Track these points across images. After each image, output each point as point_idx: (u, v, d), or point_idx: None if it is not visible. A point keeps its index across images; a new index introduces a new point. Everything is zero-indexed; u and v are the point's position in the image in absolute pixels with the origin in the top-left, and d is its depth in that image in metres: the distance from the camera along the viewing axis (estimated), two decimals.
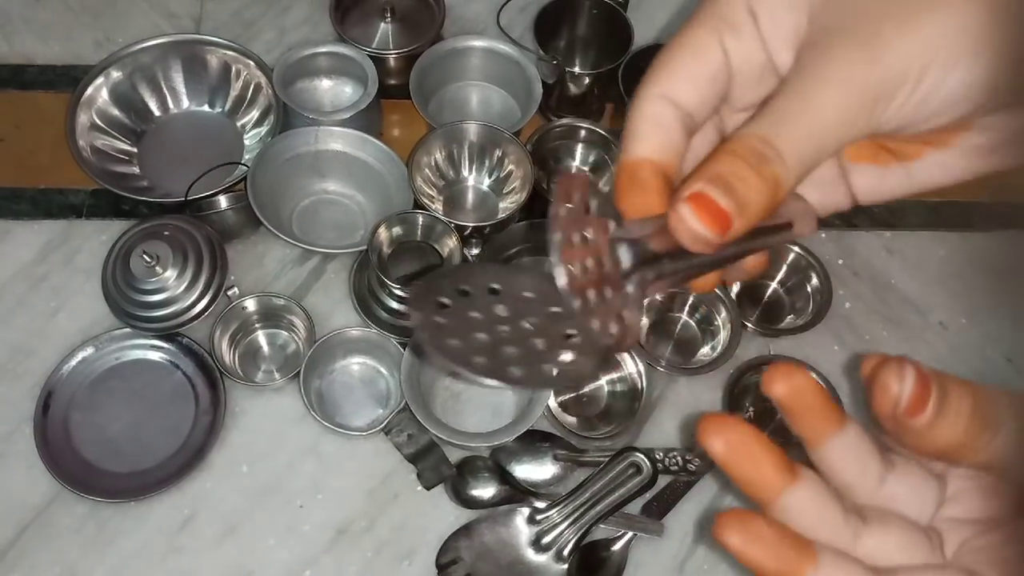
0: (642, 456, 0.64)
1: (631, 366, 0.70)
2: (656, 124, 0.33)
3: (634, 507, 0.67)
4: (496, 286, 0.32)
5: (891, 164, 0.36)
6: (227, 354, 0.70)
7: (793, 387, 0.32)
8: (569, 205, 0.30)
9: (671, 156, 0.33)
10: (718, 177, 0.30)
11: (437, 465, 0.66)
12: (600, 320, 0.29)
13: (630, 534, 0.65)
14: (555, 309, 0.32)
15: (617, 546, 0.65)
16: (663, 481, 0.67)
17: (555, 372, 0.31)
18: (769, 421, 0.69)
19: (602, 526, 0.65)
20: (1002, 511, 0.33)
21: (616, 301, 0.30)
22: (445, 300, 0.31)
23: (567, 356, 0.31)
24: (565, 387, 0.66)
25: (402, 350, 0.68)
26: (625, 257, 0.30)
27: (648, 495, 0.66)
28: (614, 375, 0.71)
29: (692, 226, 0.30)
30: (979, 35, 0.30)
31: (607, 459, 0.66)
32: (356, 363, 0.72)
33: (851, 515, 0.32)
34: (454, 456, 0.68)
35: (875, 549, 0.32)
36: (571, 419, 0.70)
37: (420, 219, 0.70)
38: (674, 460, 0.68)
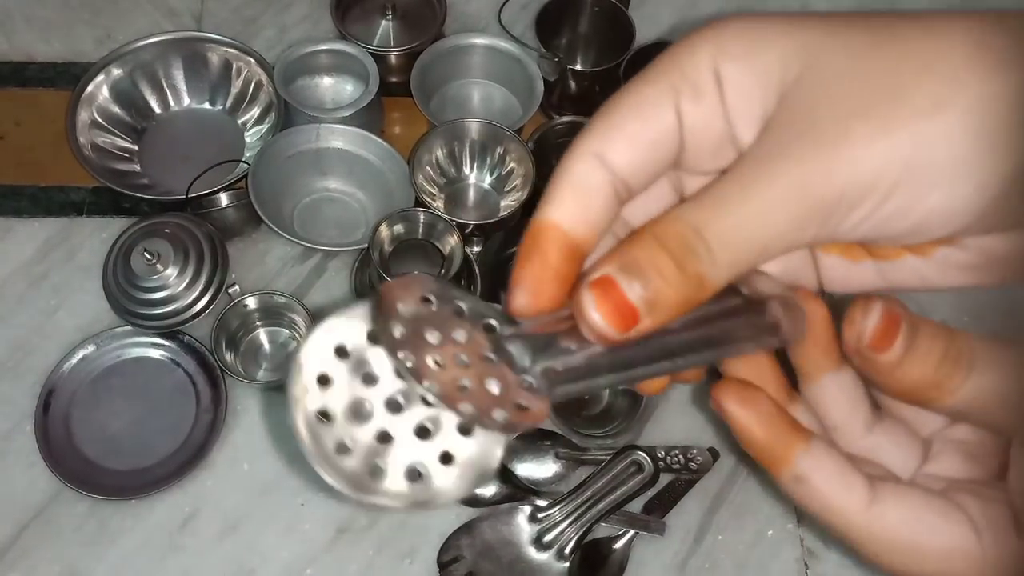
0: (643, 454, 0.63)
1: None
2: (578, 186, 0.29)
3: (636, 505, 0.66)
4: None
5: (863, 260, 0.33)
6: (228, 352, 0.70)
7: (810, 315, 0.32)
8: (405, 316, 0.27)
9: (586, 226, 0.29)
10: (633, 264, 0.27)
11: None
12: (486, 410, 0.26)
13: (632, 532, 0.65)
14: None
15: (619, 544, 0.65)
16: (665, 479, 0.67)
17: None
18: None
19: (604, 524, 0.65)
20: (982, 474, 0.33)
21: (510, 393, 0.26)
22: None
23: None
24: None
25: None
26: (519, 353, 0.27)
27: (650, 493, 0.66)
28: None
29: (590, 316, 0.27)
30: (974, 148, 0.26)
31: (609, 457, 0.66)
32: None
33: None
34: None
35: None
36: (571, 417, 0.69)
37: (422, 217, 0.70)
38: (676, 458, 0.68)
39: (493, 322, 0.28)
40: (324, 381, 0.27)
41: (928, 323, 0.30)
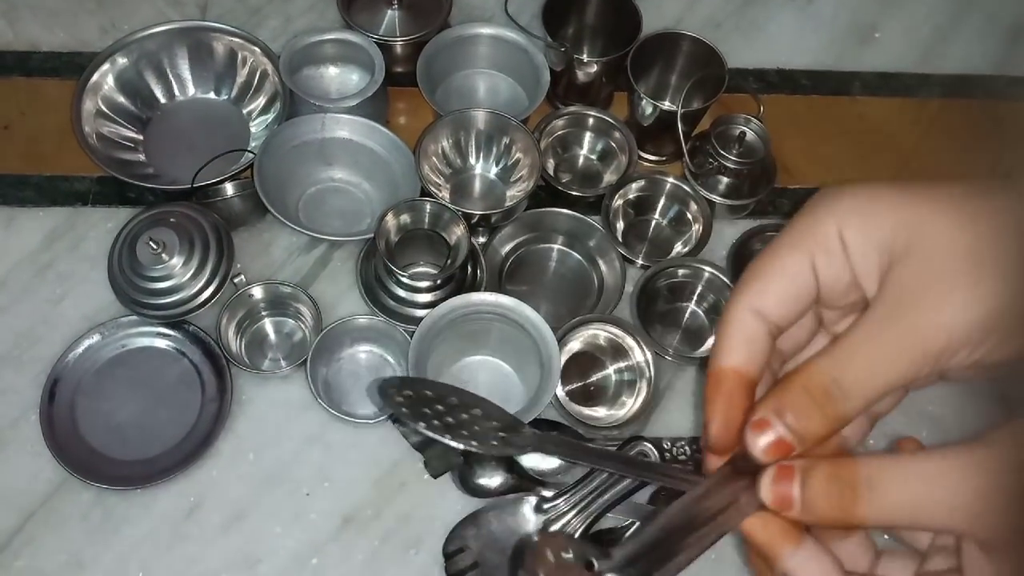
0: (650, 445, 0.63)
1: (639, 355, 0.69)
2: (745, 336, 0.37)
3: (642, 496, 0.66)
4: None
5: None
6: (233, 342, 0.70)
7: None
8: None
9: (755, 366, 0.38)
10: (784, 409, 0.35)
11: (444, 453, 0.65)
12: None
13: (638, 523, 0.65)
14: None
15: (625, 535, 0.65)
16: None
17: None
18: None
19: (610, 515, 0.65)
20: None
21: None
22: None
23: None
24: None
25: (408, 338, 0.68)
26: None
27: (656, 484, 0.66)
28: (622, 364, 0.70)
29: (757, 452, 0.35)
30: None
31: (615, 448, 0.66)
32: (363, 351, 0.72)
33: None
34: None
35: None
36: (578, 408, 0.69)
37: (428, 207, 0.70)
38: (682, 449, 0.68)
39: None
40: None
41: (827, 465, 0.35)
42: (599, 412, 0.70)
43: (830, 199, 0.37)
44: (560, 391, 0.69)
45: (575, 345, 0.70)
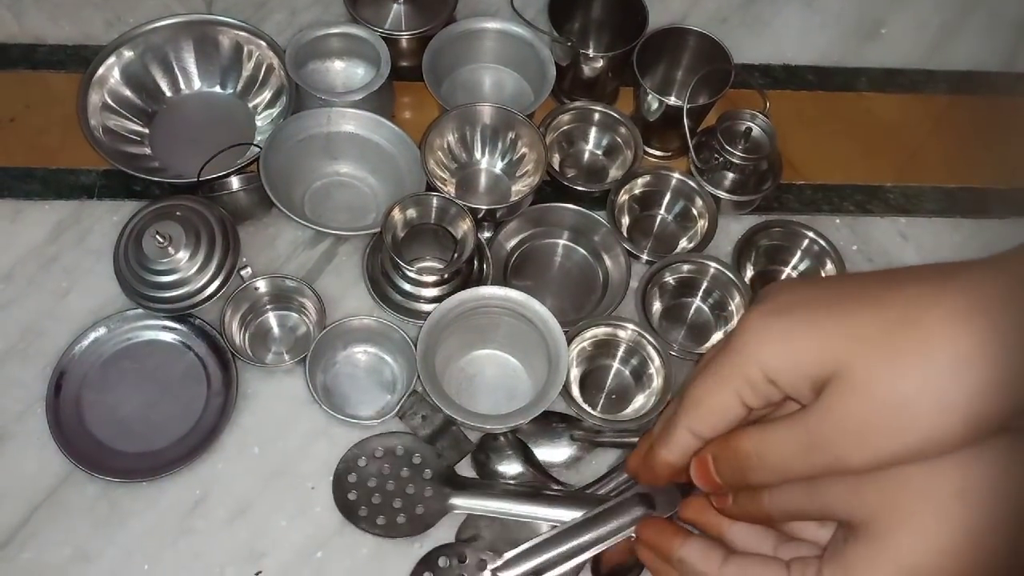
0: None
1: (652, 352, 0.69)
2: (680, 447, 0.47)
3: None
4: None
5: None
6: (237, 334, 0.70)
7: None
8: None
9: (684, 461, 0.48)
10: (718, 454, 0.46)
11: (456, 443, 0.65)
12: None
13: None
14: None
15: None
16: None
17: None
18: None
19: None
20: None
21: None
22: None
23: None
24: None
25: (407, 336, 0.68)
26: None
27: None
28: (634, 360, 0.70)
29: (692, 470, 0.48)
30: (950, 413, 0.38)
31: (624, 442, 0.66)
32: (360, 351, 0.71)
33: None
34: (472, 438, 0.67)
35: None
36: (587, 403, 0.69)
37: (434, 201, 0.70)
38: None
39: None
40: None
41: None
42: (609, 407, 0.70)
43: (753, 339, 0.42)
44: (575, 390, 0.69)
45: (585, 342, 0.70)
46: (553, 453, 0.68)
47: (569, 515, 0.62)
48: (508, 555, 0.61)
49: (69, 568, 0.63)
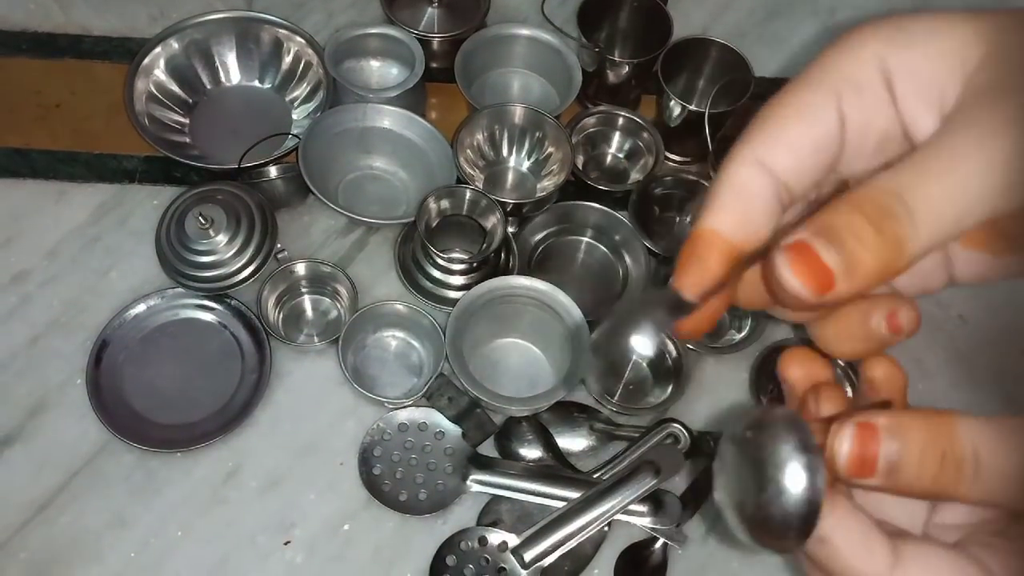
0: (679, 426, 0.66)
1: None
2: (741, 194, 0.30)
3: (674, 485, 0.68)
4: None
5: (1006, 256, 0.32)
6: (272, 313, 0.73)
7: (806, 373, 0.33)
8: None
9: (748, 233, 0.30)
10: (828, 229, 0.27)
11: (481, 424, 0.68)
12: None
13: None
14: None
15: (657, 545, 0.66)
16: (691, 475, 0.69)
17: None
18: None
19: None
20: (992, 515, 0.33)
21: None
22: None
23: None
24: None
25: (435, 323, 0.70)
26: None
27: (682, 485, 0.68)
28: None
29: (786, 279, 0.27)
30: None
31: (643, 432, 0.68)
32: (389, 336, 0.74)
33: None
34: (495, 422, 0.70)
35: None
36: (607, 394, 0.72)
37: (467, 194, 0.73)
38: (708, 442, 0.70)
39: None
40: None
41: (921, 428, 0.28)
42: (626, 397, 0.72)
43: (869, 24, 0.30)
44: (593, 383, 0.71)
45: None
46: (572, 442, 0.70)
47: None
48: (526, 533, 0.64)
49: (105, 533, 0.66)
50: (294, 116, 0.84)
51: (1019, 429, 0.28)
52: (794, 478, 0.28)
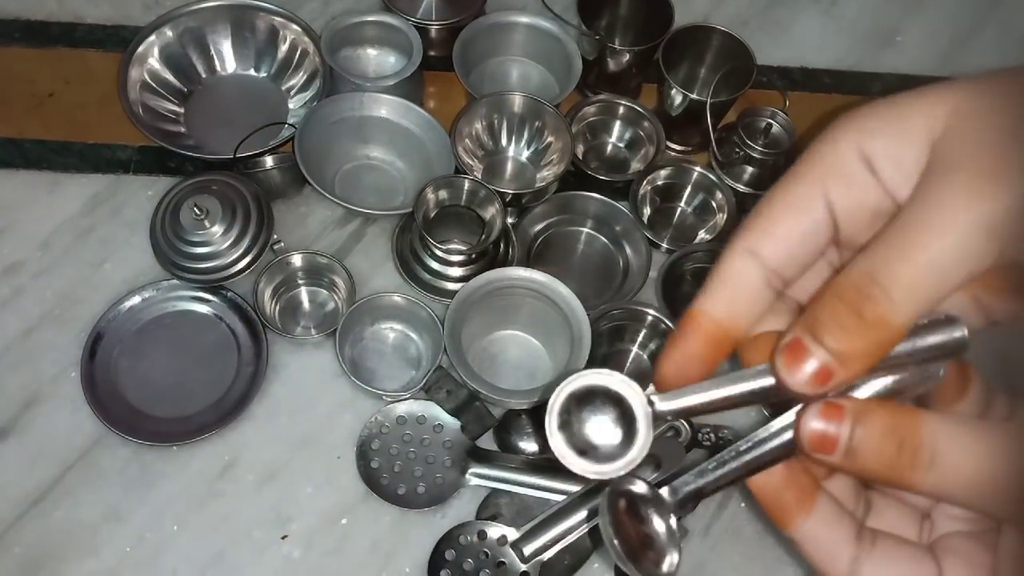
0: (681, 420, 0.65)
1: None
2: (732, 281, 0.33)
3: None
4: None
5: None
6: (268, 305, 0.72)
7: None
8: None
9: (738, 317, 0.33)
10: (815, 323, 0.29)
11: (480, 417, 0.67)
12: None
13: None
14: None
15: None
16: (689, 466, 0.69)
17: None
18: None
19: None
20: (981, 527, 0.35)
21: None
22: None
23: None
24: None
25: (434, 315, 0.70)
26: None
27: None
28: (651, 345, 0.72)
29: (789, 380, 0.29)
30: None
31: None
32: (387, 328, 0.73)
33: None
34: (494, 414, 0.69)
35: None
36: None
37: (465, 184, 0.72)
38: (707, 436, 0.69)
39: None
40: None
41: (885, 415, 0.30)
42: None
43: (843, 117, 0.32)
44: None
45: (606, 325, 0.72)
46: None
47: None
48: (526, 527, 0.63)
49: (100, 527, 0.65)
50: (290, 105, 0.83)
51: (982, 430, 0.30)
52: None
